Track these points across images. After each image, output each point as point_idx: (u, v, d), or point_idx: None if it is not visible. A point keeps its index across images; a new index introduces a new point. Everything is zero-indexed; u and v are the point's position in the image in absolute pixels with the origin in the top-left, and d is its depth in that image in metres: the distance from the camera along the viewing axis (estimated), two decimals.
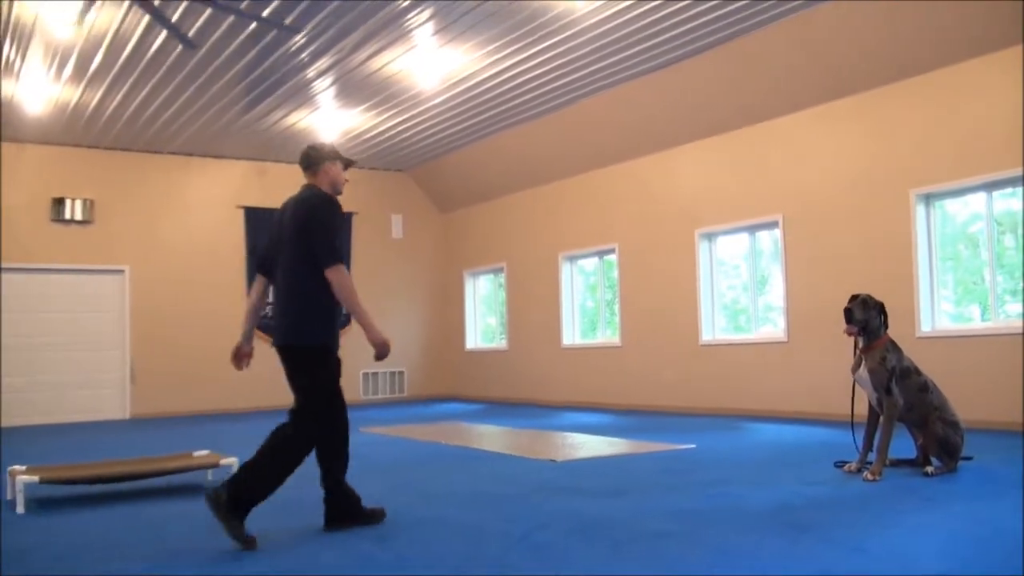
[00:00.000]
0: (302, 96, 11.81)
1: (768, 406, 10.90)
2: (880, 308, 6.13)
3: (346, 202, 17.62)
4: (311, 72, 10.82)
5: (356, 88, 11.51)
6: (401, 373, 16.58)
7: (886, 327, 6.13)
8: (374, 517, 4.86)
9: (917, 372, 6.11)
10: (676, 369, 12.27)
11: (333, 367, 4.77)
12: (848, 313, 6.13)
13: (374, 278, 16.31)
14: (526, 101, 12.26)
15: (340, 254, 4.58)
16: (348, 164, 5.05)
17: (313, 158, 4.92)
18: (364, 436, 9.86)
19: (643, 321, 12.85)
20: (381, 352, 4.60)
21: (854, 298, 6.16)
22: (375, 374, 16.22)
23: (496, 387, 15.71)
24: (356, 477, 6.81)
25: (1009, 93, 8.61)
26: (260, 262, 4.95)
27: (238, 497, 4.37)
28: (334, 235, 4.59)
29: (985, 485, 5.52)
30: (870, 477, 5.77)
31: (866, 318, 6.09)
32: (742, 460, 7.10)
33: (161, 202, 14.64)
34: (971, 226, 9.49)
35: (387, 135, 13.97)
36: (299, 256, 4.58)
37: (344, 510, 4.79)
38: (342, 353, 4.88)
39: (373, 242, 16.45)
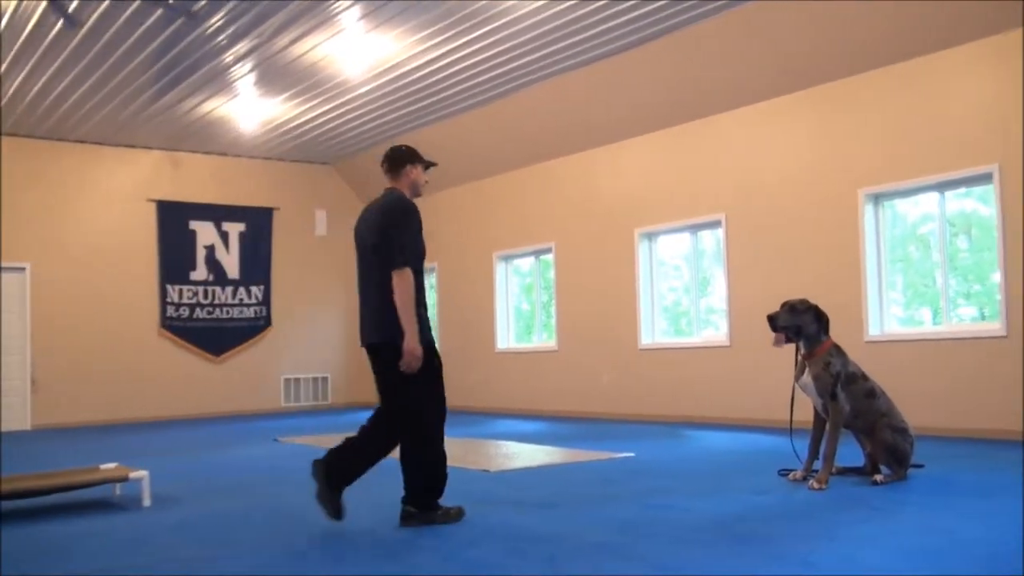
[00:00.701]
0: (219, 82, 11.59)
1: (710, 413, 10.99)
2: (815, 312, 6.18)
3: (265, 196, 17.29)
4: (229, 56, 10.62)
5: (277, 75, 11.33)
6: (325, 379, 16.39)
7: (826, 331, 6.19)
8: (450, 516, 5.15)
9: (864, 377, 6.18)
10: (615, 374, 12.31)
11: (426, 362, 5.00)
12: (771, 320, 6.20)
13: (296, 277, 16.09)
14: (458, 92, 12.19)
15: (406, 258, 4.93)
16: (428, 166, 5.42)
17: (395, 161, 5.30)
18: (282, 447, 9.72)
19: (581, 324, 12.87)
20: (407, 361, 4.87)
21: (783, 305, 6.24)
22: (296, 380, 16.00)
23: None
24: (274, 489, 6.69)
25: (963, 90, 8.79)
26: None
27: (329, 471, 4.96)
28: (405, 240, 4.97)
29: (937, 494, 5.60)
30: (816, 486, 5.81)
31: (796, 324, 6.15)
32: (683, 469, 7.12)
33: (66, 194, 14.23)
34: (922, 227, 9.67)
35: (310, 125, 13.79)
36: (379, 259, 5.00)
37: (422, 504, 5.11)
38: (266, 359, 4.85)
39: (295, 239, 16.23)
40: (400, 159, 5.26)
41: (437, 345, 5.36)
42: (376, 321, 5.03)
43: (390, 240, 4.94)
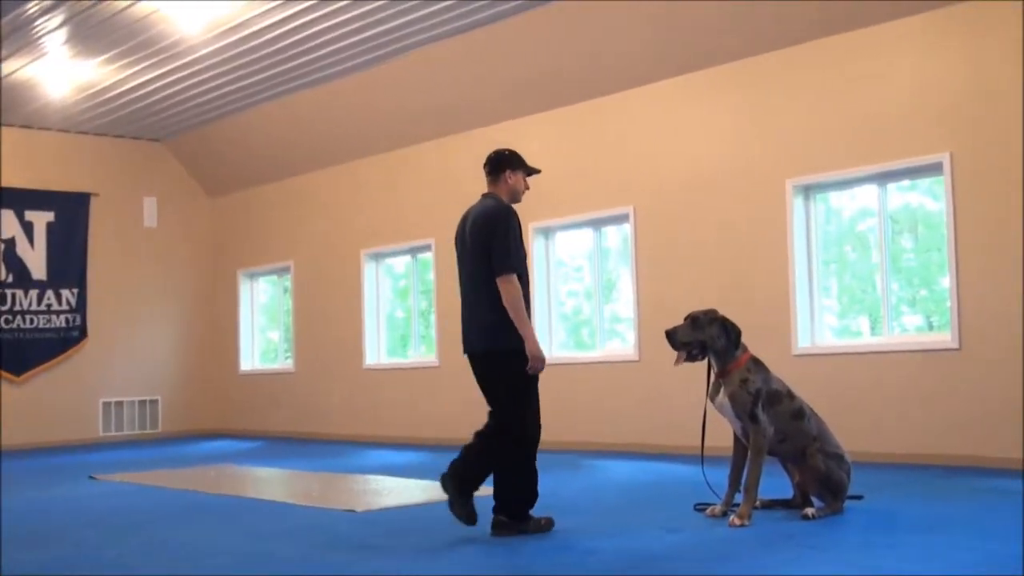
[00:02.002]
0: (21, 38, 11.23)
1: (616, 438, 11.07)
2: (722, 324, 6.29)
3: (80, 180, 16.83)
4: (32, 7, 10.30)
5: (95, 31, 11.04)
6: (154, 402, 15.99)
7: (736, 345, 6.30)
8: (541, 526, 5.87)
9: (790, 396, 6.30)
10: None
11: (522, 368, 5.82)
12: (670, 336, 6.31)
13: (118, 279, 15.68)
14: (320, 57, 12.06)
15: (512, 264, 5.80)
16: (530, 173, 6.23)
17: (496, 165, 6.15)
18: (100, 486, 9.45)
19: None
20: (535, 366, 5.77)
21: (686, 318, 6.35)
22: (119, 404, 15.58)
23: (279, 419, 15.36)
24: (88, 539, 6.48)
25: (909, 68, 9.02)
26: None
27: (461, 481, 5.79)
28: (509, 246, 5.82)
29: (879, 529, 5.73)
30: (737, 522, 5.90)
31: (701, 340, 6.26)
32: (586, 504, 7.18)
33: None
34: (860, 223, 9.92)
35: (137, 94, 13.49)
36: (481, 266, 5.87)
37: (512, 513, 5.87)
38: (81, 378, 4.71)
39: (117, 231, 15.81)
40: (501, 164, 6.09)
41: (291, 360, 5.40)
42: (483, 328, 5.87)
43: (491, 247, 5.78)
